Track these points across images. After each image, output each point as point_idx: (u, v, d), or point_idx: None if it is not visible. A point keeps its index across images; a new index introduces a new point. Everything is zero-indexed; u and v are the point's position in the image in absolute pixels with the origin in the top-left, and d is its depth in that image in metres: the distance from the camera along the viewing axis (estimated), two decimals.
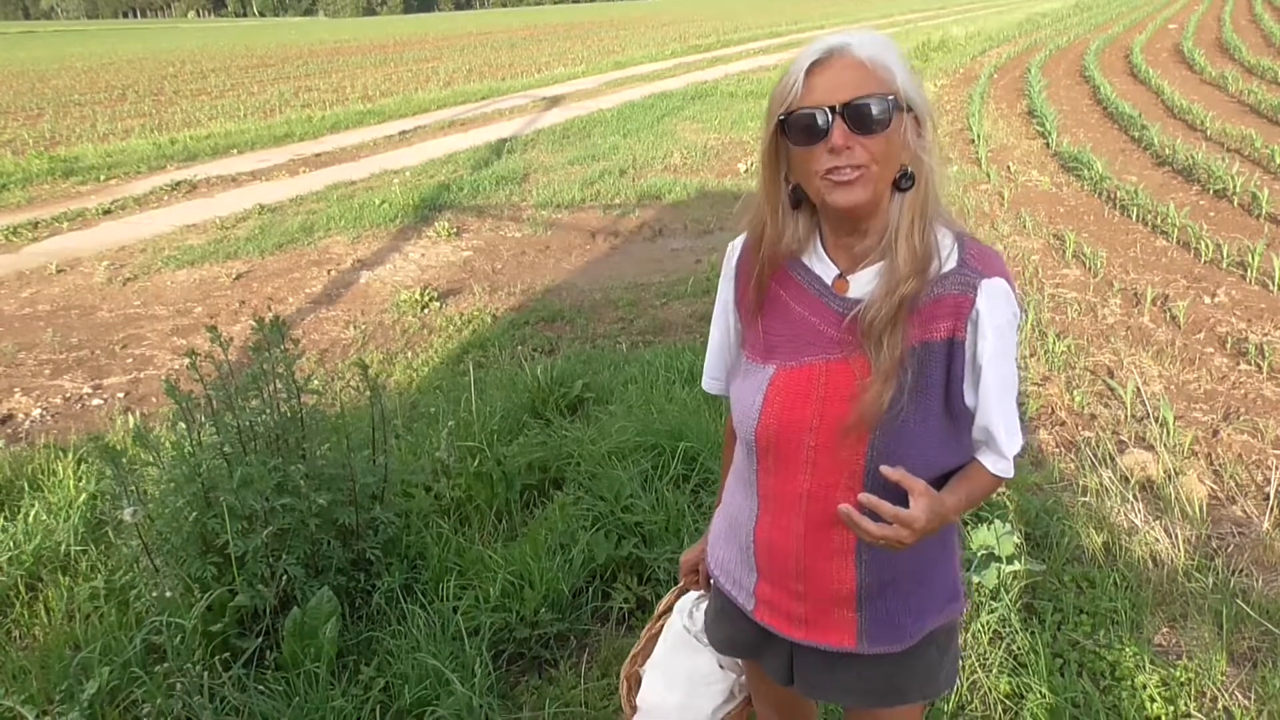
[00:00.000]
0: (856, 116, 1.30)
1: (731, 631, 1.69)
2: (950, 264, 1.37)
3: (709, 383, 1.68)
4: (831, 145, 1.30)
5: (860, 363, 1.38)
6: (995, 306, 1.36)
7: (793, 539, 1.50)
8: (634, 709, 1.89)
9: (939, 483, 1.42)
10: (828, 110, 1.30)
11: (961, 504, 1.44)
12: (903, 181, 1.36)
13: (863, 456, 1.39)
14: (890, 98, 1.30)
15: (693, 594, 1.90)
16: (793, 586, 1.52)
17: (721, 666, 1.83)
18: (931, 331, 1.36)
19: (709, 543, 1.74)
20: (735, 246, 1.57)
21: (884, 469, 1.33)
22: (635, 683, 1.93)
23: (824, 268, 1.44)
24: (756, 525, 1.55)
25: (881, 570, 1.47)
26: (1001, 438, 1.42)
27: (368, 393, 3.06)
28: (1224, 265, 6.15)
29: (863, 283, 1.40)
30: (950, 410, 1.40)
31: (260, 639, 2.74)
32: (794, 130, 1.33)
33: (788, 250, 1.45)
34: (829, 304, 1.42)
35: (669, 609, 1.93)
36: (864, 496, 1.30)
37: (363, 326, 6.21)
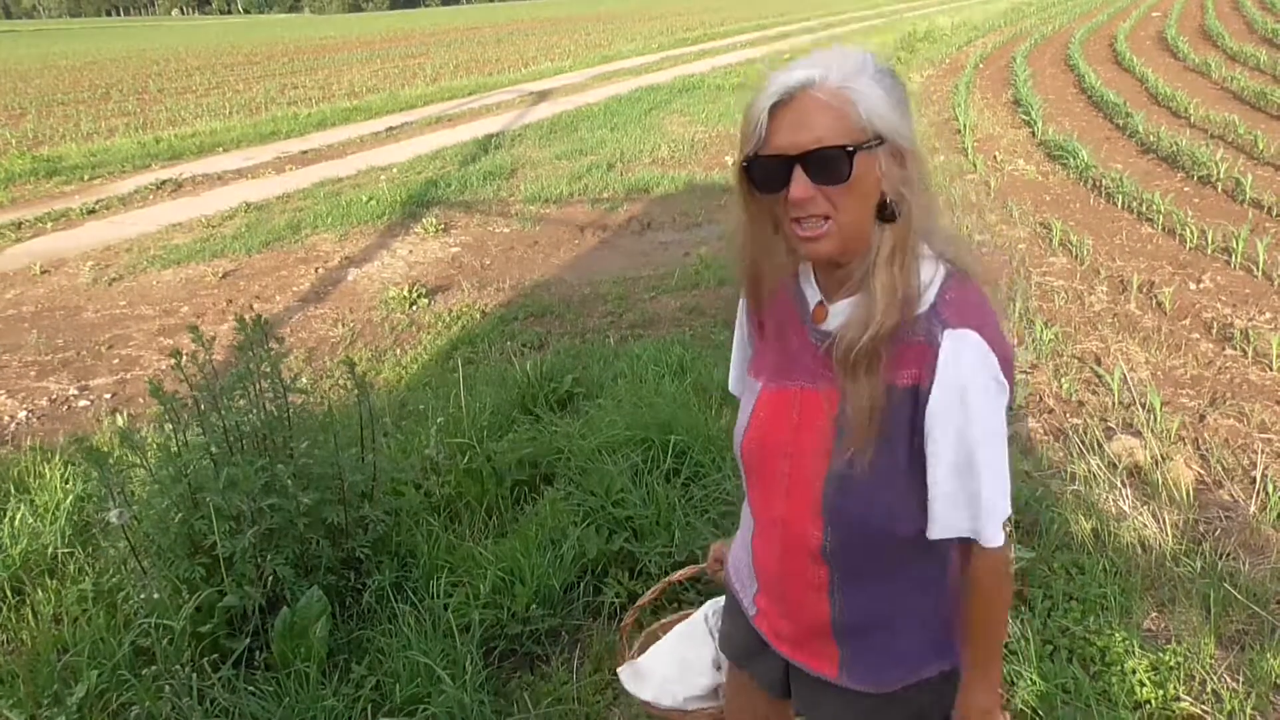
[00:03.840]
0: (817, 165, 1.21)
1: (733, 630, 1.69)
2: (925, 304, 1.27)
3: (732, 384, 1.64)
4: (792, 197, 1.22)
5: (830, 396, 1.33)
6: (961, 361, 1.24)
7: (775, 562, 1.48)
8: (629, 658, 2.01)
9: (889, 541, 1.36)
10: (788, 159, 1.22)
11: (980, 657, 1.41)
12: (884, 212, 1.25)
13: (818, 494, 1.35)
14: (852, 145, 1.20)
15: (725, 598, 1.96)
16: (779, 606, 1.51)
17: (717, 667, 1.89)
18: (895, 376, 1.27)
19: (732, 545, 1.72)
20: None
21: None
22: (647, 642, 2.05)
23: (811, 291, 1.39)
24: (753, 543, 1.54)
25: (857, 612, 1.42)
26: (985, 508, 1.30)
27: (356, 391, 3.05)
28: (1209, 251, 6.17)
29: (840, 313, 1.33)
30: (911, 469, 1.30)
31: (250, 639, 2.72)
32: (756, 176, 1.26)
33: (778, 271, 1.40)
34: (808, 332, 1.38)
35: (687, 579, 2.07)
36: None
37: (351, 324, 6.19)
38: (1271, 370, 4.50)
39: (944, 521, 1.31)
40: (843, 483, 1.32)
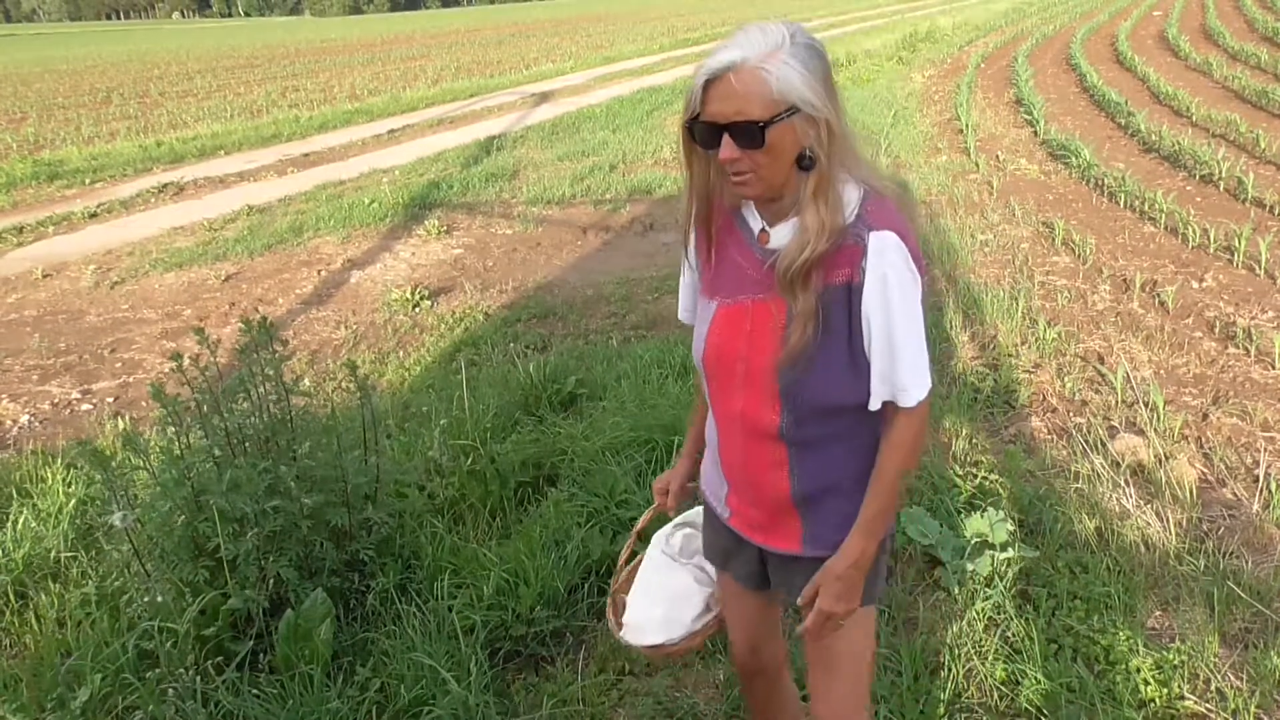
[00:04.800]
0: (740, 133, 1.46)
1: (713, 537, 1.95)
2: (851, 216, 1.53)
3: (683, 314, 1.88)
4: (721, 157, 1.49)
5: (779, 303, 1.58)
6: (883, 255, 1.51)
7: (738, 452, 1.74)
8: (620, 626, 2.04)
9: (837, 414, 1.63)
10: (716, 127, 1.48)
11: (872, 521, 1.64)
12: (803, 162, 1.51)
13: (775, 383, 1.60)
14: (767, 119, 1.44)
15: (668, 526, 2.12)
16: (747, 495, 1.77)
17: (697, 583, 2.01)
18: (832, 276, 1.53)
19: (702, 466, 1.95)
20: None
21: (799, 600, 1.68)
22: (621, 606, 2.08)
23: (754, 220, 1.65)
24: (720, 445, 1.79)
25: (812, 480, 1.68)
26: (904, 372, 1.56)
27: (359, 393, 3.05)
28: (1211, 250, 6.17)
29: (781, 235, 1.60)
30: (852, 350, 1.57)
31: (253, 642, 2.72)
32: (696, 136, 1.53)
33: (729, 203, 1.66)
34: (755, 252, 1.64)
35: (642, 533, 2.11)
36: (801, 599, 1.67)
37: (354, 326, 6.19)
38: (1274, 369, 4.49)
39: (875, 392, 1.58)
40: (793, 371, 1.58)
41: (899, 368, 1.55)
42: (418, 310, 6.34)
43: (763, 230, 1.63)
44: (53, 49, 50.43)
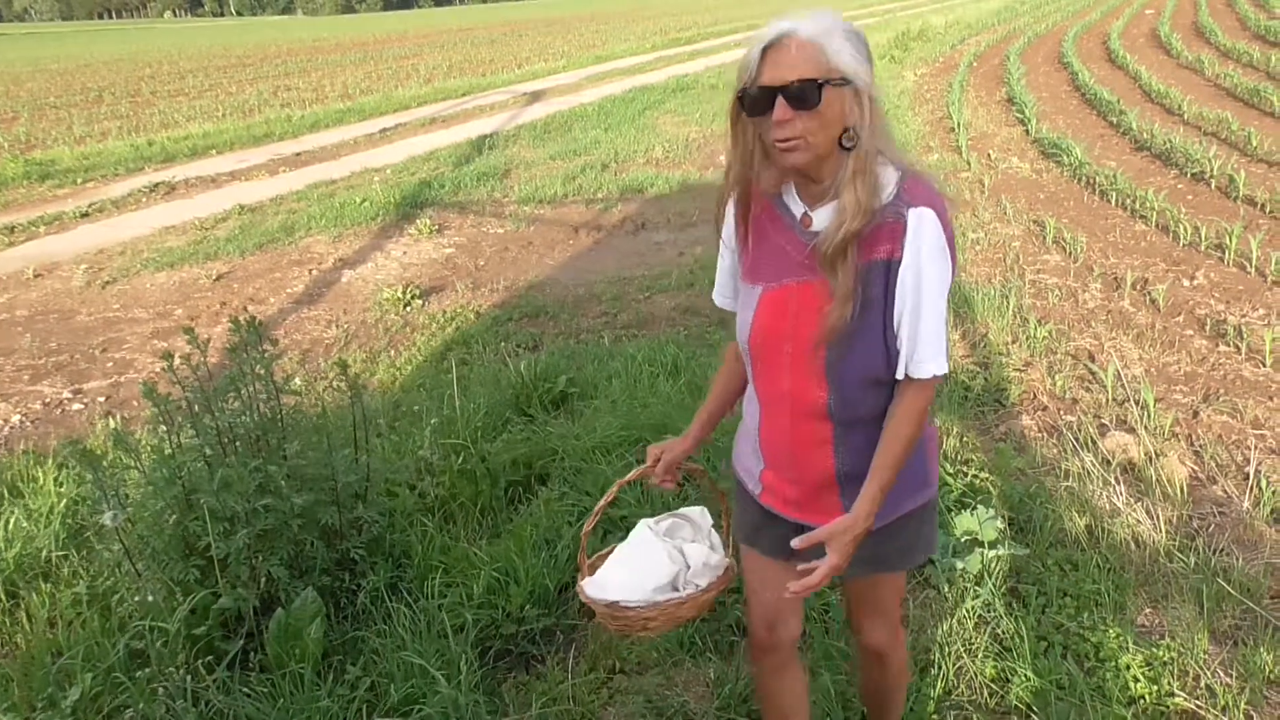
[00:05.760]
0: (793, 95, 1.53)
1: (741, 513, 2.03)
2: (890, 195, 1.61)
3: (719, 299, 1.96)
4: (775, 119, 1.55)
5: (823, 284, 1.65)
6: (921, 230, 1.59)
7: (782, 432, 1.80)
8: (587, 572, 2.10)
9: (880, 388, 1.70)
10: (773, 90, 1.54)
11: (886, 487, 1.68)
12: (845, 141, 1.59)
13: (822, 361, 1.68)
14: (821, 80, 1.53)
15: (665, 514, 2.17)
16: (788, 473, 1.84)
17: (670, 560, 2.03)
18: (873, 253, 1.61)
19: (734, 443, 2.02)
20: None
21: (793, 541, 1.69)
22: (586, 549, 2.13)
23: (795, 205, 1.72)
24: (760, 425, 1.85)
25: (856, 460, 1.74)
26: (922, 343, 1.63)
27: (349, 392, 3.05)
28: (1202, 248, 6.19)
29: (823, 218, 1.67)
30: (888, 323, 1.65)
31: (244, 641, 2.72)
32: (748, 103, 1.59)
33: (768, 190, 1.72)
34: (798, 235, 1.70)
35: (623, 485, 2.13)
36: (796, 541, 1.68)
37: (345, 326, 6.18)
38: (1264, 366, 4.51)
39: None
40: (839, 348, 1.65)
41: (920, 339, 1.63)
42: (409, 309, 6.34)
43: (805, 214, 1.70)
44: (44, 48, 50.24)
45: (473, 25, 49.19)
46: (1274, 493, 3.45)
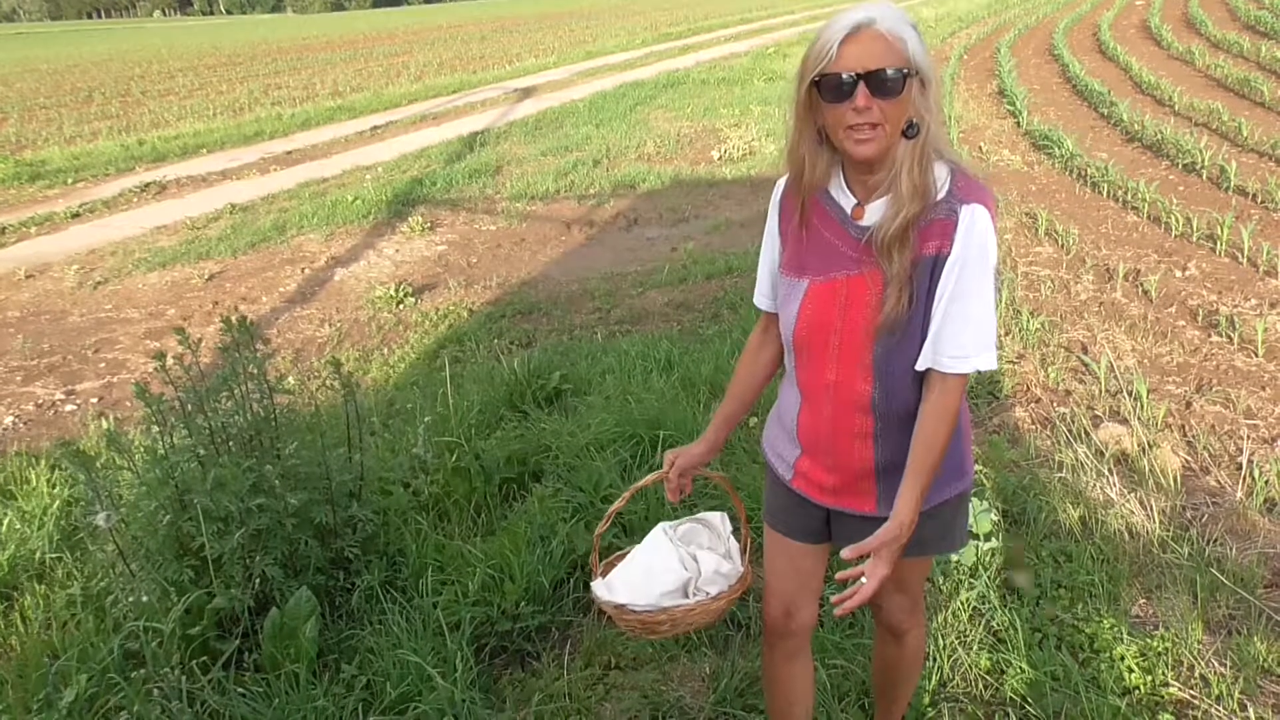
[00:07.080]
0: (877, 83, 1.56)
1: (772, 498, 2.03)
2: (942, 192, 1.63)
3: (759, 299, 1.96)
4: (855, 105, 1.56)
5: (874, 276, 1.67)
6: (972, 227, 1.61)
7: (824, 422, 1.81)
8: (600, 573, 2.10)
9: (919, 382, 1.71)
10: (855, 76, 1.56)
11: (926, 488, 1.68)
12: (909, 130, 1.62)
13: (870, 353, 1.70)
14: (903, 69, 1.56)
15: (687, 518, 2.17)
16: (825, 461, 1.85)
17: (682, 565, 2.03)
18: (924, 249, 1.62)
19: (765, 426, 2.03)
20: (780, 184, 1.85)
21: (843, 552, 1.64)
22: (599, 550, 2.13)
23: (844, 198, 1.73)
24: (799, 413, 1.87)
25: (895, 452, 1.76)
26: (966, 343, 1.64)
27: (343, 391, 3.04)
28: (1194, 239, 6.20)
29: (875, 211, 1.68)
30: (931, 318, 1.65)
31: (239, 641, 2.71)
32: (826, 90, 1.60)
33: (821, 180, 1.73)
34: (848, 229, 1.71)
35: (636, 490, 2.11)
36: (846, 552, 1.63)
37: (338, 324, 6.17)
38: (1257, 357, 4.53)
39: (924, 353, 1.66)
40: (887, 342, 1.67)
41: (967, 333, 1.63)
42: (402, 307, 6.33)
43: (857, 206, 1.71)
44: (33, 48, 50.01)
45: (463, 22, 49.06)
46: (1267, 483, 3.46)
